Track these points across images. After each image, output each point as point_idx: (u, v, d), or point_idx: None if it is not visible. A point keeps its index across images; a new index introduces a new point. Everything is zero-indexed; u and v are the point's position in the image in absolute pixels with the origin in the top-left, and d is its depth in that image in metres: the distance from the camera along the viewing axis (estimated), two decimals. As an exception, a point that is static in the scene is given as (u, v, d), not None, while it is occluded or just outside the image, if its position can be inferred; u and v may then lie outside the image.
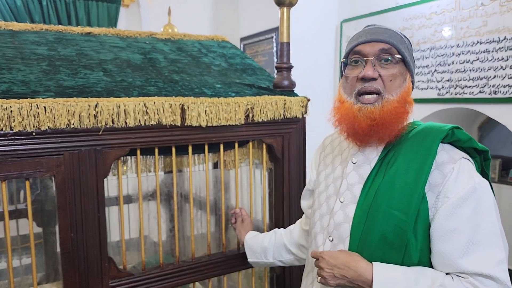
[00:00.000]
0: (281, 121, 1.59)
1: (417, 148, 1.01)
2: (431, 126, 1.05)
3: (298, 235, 1.42)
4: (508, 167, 4.20)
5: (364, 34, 1.09)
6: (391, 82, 1.05)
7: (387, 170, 1.03)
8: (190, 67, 1.72)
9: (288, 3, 1.56)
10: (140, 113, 1.31)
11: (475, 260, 0.93)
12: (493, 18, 2.76)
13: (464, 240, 0.94)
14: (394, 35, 1.07)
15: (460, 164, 0.99)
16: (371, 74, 1.03)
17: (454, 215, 0.96)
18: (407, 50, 1.09)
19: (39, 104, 1.16)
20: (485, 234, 0.95)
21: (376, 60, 1.05)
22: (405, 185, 0.99)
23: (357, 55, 1.08)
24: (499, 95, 2.75)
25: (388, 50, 1.05)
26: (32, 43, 1.57)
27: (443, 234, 0.96)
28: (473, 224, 0.95)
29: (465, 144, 1.04)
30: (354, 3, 3.87)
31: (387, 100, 1.04)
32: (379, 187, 1.02)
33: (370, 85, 1.04)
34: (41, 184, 1.72)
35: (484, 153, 1.07)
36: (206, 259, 1.55)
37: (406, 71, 1.08)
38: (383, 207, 1.00)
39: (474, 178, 0.98)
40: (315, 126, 2.08)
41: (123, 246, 1.40)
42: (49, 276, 1.80)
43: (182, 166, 1.79)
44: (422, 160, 0.99)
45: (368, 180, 1.07)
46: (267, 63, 4.18)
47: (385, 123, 1.03)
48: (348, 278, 1.00)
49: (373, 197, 1.02)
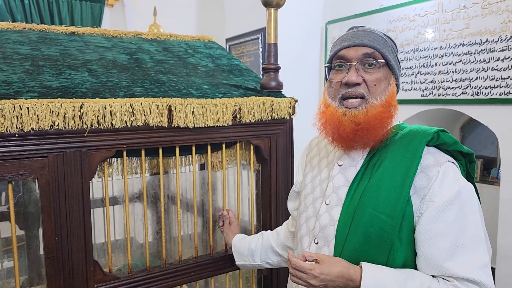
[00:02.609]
0: (269, 122, 1.59)
1: (403, 152, 1.01)
2: (417, 129, 1.06)
3: (285, 237, 1.42)
4: (490, 167, 4.29)
5: (347, 38, 1.09)
6: (375, 87, 1.05)
7: (372, 173, 1.03)
8: (177, 67, 1.70)
9: (275, 4, 1.56)
10: (127, 114, 1.29)
11: (461, 264, 0.94)
12: (475, 21, 2.81)
13: (449, 243, 0.95)
14: (377, 39, 1.07)
15: (445, 168, 1.00)
16: (355, 79, 1.04)
17: (439, 218, 0.96)
18: (392, 53, 1.09)
19: (22, 105, 1.13)
20: (470, 237, 0.96)
21: (360, 64, 1.05)
22: (391, 188, 0.99)
23: (341, 60, 1.08)
24: (481, 96, 2.81)
25: (372, 54, 1.05)
26: (14, 43, 1.54)
27: (429, 237, 0.97)
28: (458, 228, 0.96)
29: (451, 147, 1.05)
30: (339, 5, 3.90)
31: (372, 104, 1.04)
32: (364, 190, 1.02)
33: (354, 90, 1.04)
34: (23, 187, 1.68)
35: (469, 156, 1.08)
36: (193, 261, 1.54)
37: (390, 74, 1.09)
38: (368, 210, 1.00)
39: (459, 182, 0.99)
40: (300, 127, 2.08)
41: (109, 249, 1.38)
42: (32, 280, 1.76)
43: (169, 167, 1.78)
44: (408, 164, 0.99)
45: (354, 182, 1.07)
46: (252, 64, 4.18)
47: (369, 128, 1.04)
48: (340, 285, 0.99)
49: (358, 200, 1.02)
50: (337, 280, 0.98)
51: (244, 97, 1.55)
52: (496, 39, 2.69)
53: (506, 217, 2.71)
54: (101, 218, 1.57)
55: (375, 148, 1.08)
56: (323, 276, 0.98)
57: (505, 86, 2.65)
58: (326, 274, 0.98)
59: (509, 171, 2.69)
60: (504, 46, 2.65)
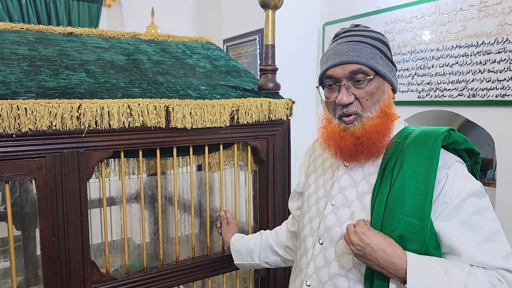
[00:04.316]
0: (266, 123, 1.60)
1: (421, 152, 1.01)
2: (428, 130, 1.06)
3: (284, 237, 1.42)
4: (486, 168, 4.30)
5: (332, 56, 1.08)
6: (368, 101, 1.05)
7: (393, 178, 1.02)
8: (175, 68, 1.71)
9: (273, 6, 1.56)
10: (124, 115, 1.29)
11: (488, 257, 0.94)
12: (471, 23, 2.83)
13: (473, 240, 0.95)
14: (362, 51, 1.05)
15: (455, 168, 1.00)
16: (346, 100, 1.04)
17: (456, 217, 0.96)
18: (381, 59, 1.07)
19: (19, 105, 1.13)
20: (490, 231, 0.96)
21: (349, 82, 1.05)
22: (416, 190, 0.98)
23: (330, 79, 1.08)
24: (477, 98, 2.82)
25: (359, 70, 1.04)
26: (12, 43, 1.54)
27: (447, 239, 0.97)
28: (476, 224, 0.96)
29: (462, 145, 1.04)
30: (336, 6, 3.91)
31: (367, 118, 1.05)
32: (389, 195, 1.01)
33: (347, 109, 1.06)
34: (20, 187, 1.68)
35: (475, 156, 1.09)
36: (191, 262, 1.54)
37: (383, 82, 1.08)
38: (397, 215, 0.98)
39: (471, 181, 1.00)
40: (298, 129, 2.09)
41: (106, 250, 1.38)
42: (28, 281, 1.76)
43: (166, 168, 1.78)
44: (428, 163, 0.99)
45: (374, 191, 1.06)
46: (250, 65, 4.18)
47: (369, 141, 1.04)
48: (379, 262, 0.95)
49: (384, 207, 1.01)
50: (377, 251, 0.94)
51: (242, 98, 1.55)
52: (492, 41, 2.71)
53: (502, 218, 2.72)
54: (99, 219, 1.57)
55: (388, 153, 1.07)
56: (363, 237, 0.95)
57: (501, 88, 2.67)
58: (367, 236, 0.95)
59: (505, 172, 2.71)
60: (500, 48, 2.67)
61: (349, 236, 0.98)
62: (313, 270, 1.12)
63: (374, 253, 0.94)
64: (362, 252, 0.96)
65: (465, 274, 0.91)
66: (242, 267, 1.55)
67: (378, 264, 0.95)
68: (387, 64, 1.10)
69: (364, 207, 1.06)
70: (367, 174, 1.09)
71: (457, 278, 0.91)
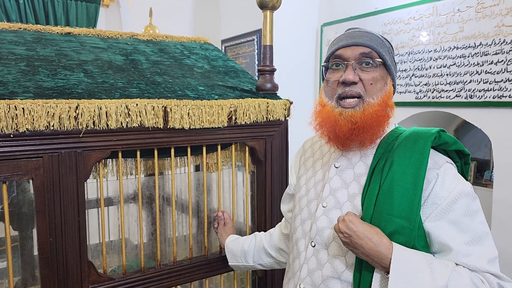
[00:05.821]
0: (264, 124, 1.60)
1: (410, 153, 1.01)
2: (418, 130, 1.06)
3: (278, 239, 1.42)
4: (483, 169, 4.32)
5: (344, 38, 1.09)
6: (372, 86, 1.05)
7: (383, 178, 1.02)
8: (173, 69, 1.70)
9: (271, 7, 1.56)
10: (122, 115, 1.29)
11: (473, 260, 0.94)
12: (469, 24, 2.84)
13: (459, 242, 0.95)
14: (374, 39, 1.08)
15: (445, 169, 1.00)
16: (352, 78, 1.04)
17: (446, 218, 0.96)
18: (388, 53, 1.10)
19: (17, 105, 1.13)
20: (478, 234, 0.96)
21: (356, 64, 1.06)
22: (404, 190, 0.98)
23: (338, 59, 1.08)
24: (474, 99, 2.83)
25: (369, 54, 1.06)
26: (9, 43, 1.53)
27: (438, 238, 0.97)
28: (465, 226, 0.96)
29: (452, 147, 1.05)
30: (334, 7, 3.92)
31: (368, 103, 1.04)
32: (378, 195, 1.01)
33: (350, 89, 1.05)
34: (18, 187, 1.67)
35: (465, 157, 1.08)
36: (188, 262, 1.54)
37: (387, 74, 1.09)
38: (385, 216, 0.98)
39: (461, 181, 1.00)
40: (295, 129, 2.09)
41: (103, 250, 1.38)
42: (26, 281, 1.76)
43: (164, 168, 1.78)
44: (417, 164, 0.99)
45: (363, 191, 1.06)
46: (248, 65, 4.19)
47: (366, 127, 1.04)
48: (364, 250, 0.95)
49: (373, 207, 1.01)
50: (363, 238, 0.95)
51: (240, 98, 1.55)
52: (489, 42, 2.72)
53: (499, 219, 2.74)
54: (96, 219, 1.57)
55: (378, 153, 1.07)
56: (350, 224, 0.96)
57: (499, 89, 2.68)
58: (354, 224, 0.96)
59: (502, 173, 2.72)
60: (497, 49, 2.67)
61: (338, 224, 1.00)
62: (307, 273, 1.12)
63: (360, 240, 0.95)
64: (349, 240, 0.97)
65: (449, 270, 0.92)
66: (236, 269, 1.55)
67: (363, 252, 0.96)
68: (392, 60, 1.12)
69: (355, 208, 1.06)
70: (358, 175, 1.09)
71: (441, 273, 0.91)
